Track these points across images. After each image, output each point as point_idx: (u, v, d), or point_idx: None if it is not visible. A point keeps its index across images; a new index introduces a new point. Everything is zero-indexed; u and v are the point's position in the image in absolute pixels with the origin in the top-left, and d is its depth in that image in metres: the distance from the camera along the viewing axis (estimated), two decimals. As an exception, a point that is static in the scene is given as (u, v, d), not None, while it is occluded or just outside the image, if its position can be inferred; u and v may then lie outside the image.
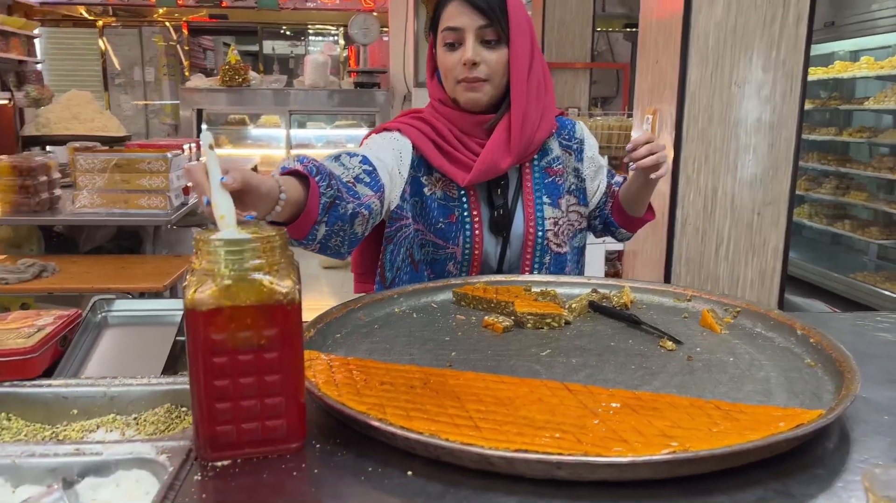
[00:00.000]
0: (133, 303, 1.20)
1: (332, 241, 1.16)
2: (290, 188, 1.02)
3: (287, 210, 1.01)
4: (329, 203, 1.11)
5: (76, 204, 3.06)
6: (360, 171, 1.26)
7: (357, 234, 1.23)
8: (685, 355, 1.08)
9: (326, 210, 1.10)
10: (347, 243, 1.21)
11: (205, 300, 0.75)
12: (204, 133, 0.82)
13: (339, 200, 1.13)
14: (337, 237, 1.16)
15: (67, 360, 1.05)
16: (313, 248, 1.15)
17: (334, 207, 1.12)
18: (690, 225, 2.04)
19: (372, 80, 6.64)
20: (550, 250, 1.47)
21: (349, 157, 1.28)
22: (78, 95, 5.74)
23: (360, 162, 1.28)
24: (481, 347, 1.12)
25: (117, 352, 1.13)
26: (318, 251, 1.17)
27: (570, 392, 0.90)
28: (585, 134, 1.56)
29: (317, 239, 1.12)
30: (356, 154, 1.30)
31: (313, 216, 1.08)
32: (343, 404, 0.83)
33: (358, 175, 1.26)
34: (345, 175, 1.24)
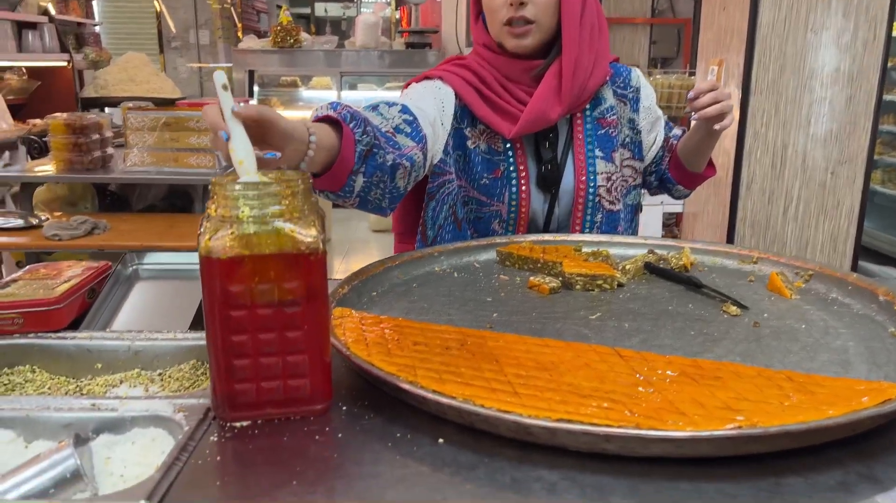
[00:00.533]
0: (164, 256, 1.16)
1: (371, 193, 1.07)
2: (322, 133, 0.93)
3: (321, 156, 0.93)
4: (366, 151, 1.02)
5: (127, 162, 3.08)
6: (399, 121, 1.17)
7: (399, 189, 1.14)
8: (751, 321, 0.98)
9: (363, 159, 1.02)
10: (389, 197, 1.12)
11: (220, 248, 0.69)
12: (217, 73, 0.76)
13: (376, 149, 1.04)
14: (377, 189, 1.07)
15: (96, 313, 1.02)
16: (352, 202, 1.06)
17: (372, 156, 1.03)
18: (757, 184, 1.90)
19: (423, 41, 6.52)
20: (602, 207, 1.37)
21: (388, 107, 1.19)
22: (134, 57, 5.80)
23: (400, 111, 1.19)
24: (525, 309, 1.04)
25: (147, 305, 1.09)
26: (357, 206, 1.09)
27: (621, 358, 0.82)
28: (642, 82, 1.44)
29: (355, 191, 1.03)
30: (395, 103, 1.21)
31: (349, 164, 0.99)
32: (372, 364, 0.77)
33: (398, 125, 1.17)
34: (384, 125, 1.15)
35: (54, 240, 2.64)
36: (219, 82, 0.75)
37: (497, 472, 0.64)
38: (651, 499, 0.61)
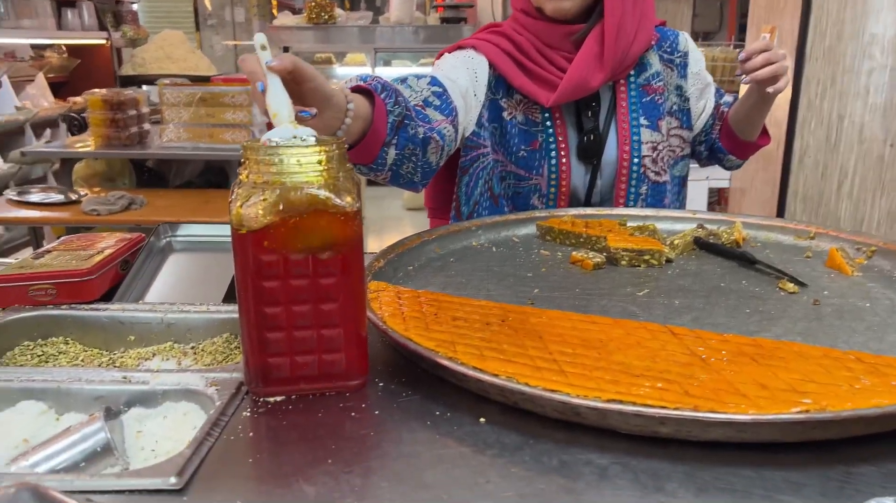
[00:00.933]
0: (198, 228, 1.14)
1: (403, 167, 1.04)
2: (357, 102, 0.91)
3: (356, 126, 0.91)
4: (398, 122, 0.98)
5: (163, 138, 3.09)
6: (428, 94, 1.14)
7: (431, 164, 1.11)
8: (810, 299, 0.92)
9: (395, 130, 0.98)
10: (421, 172, 1.09)
11: (252, 216, 0.66)
12: (257, 35, 0.75)
13: (408, 120, 1.00)
14: (409, 163, 1.04)
15: (129, 285, 1.00)
16: (384, 176, 1.04)
17: (403, 128, 1.00)
18: (810, 157, 1.81)
19: (458, 15, 6.42)
20: (648, 179, 1.31)
21: (417, 80, 1.15)
22: (171, 35, 5.83)
23: (429, 83, 1.16)
24: (568, 285, 1.00)
25: (180, 277, 1.07)
26: (389, 181, 1.06)
27: (674, 335, 0.77)
28: (690, 46, 1.36)
29: (387, 164, 1.01)
30: (424, 76, 1.17)
31: (382, 135, 0.96)
32: (409, 339, 0.74)
33: (427, 98, 1.13)
34: (413, 98, 1.12)
35: (93, 215, 2.66)
36: (258, 43, 0.74)
37: (543, 455, 0.60)
38: (710, 486, 0.56)
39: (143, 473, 0.57)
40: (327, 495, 0.55)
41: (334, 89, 0.85)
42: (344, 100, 0.87)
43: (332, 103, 0.84)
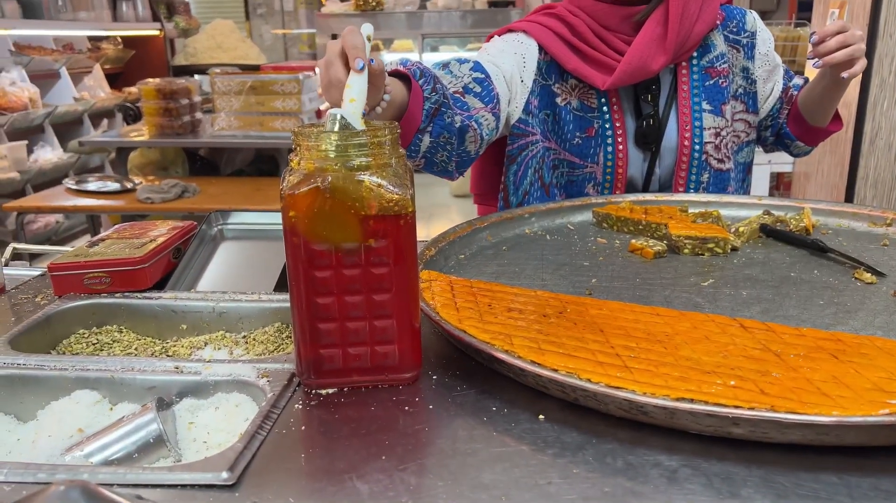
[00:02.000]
0: (250, 216, 1.14)
1: (438, 155, 1.03)
2: (395, 88, 0.91)
3: (389, 111, 0.90)
4: (434, 109, 0.97)
5: (215, 126, 3.13)
6: (469, 80, 1.12)
7: (469, 152, 1.09)
8: (890, 290, 0.86)
9: (430, 117, 0.97)
10: (457, 161, 1.08)
11: (305, 203, 0.64)
12: (365, 24, 0.77)
13: (444, 108, 0.99)
14: (443, 151, 1.03)
15: (181, 273, 1.00)
16: (418, 162, 1.03)
17: (440, 115, 0.99)
18: (882, 139, 1.71)
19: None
20: (710, 166, 1.25)
21: (459, 65, 1.13)
22: (222, 24, 5.90)
23: (472, 69, 1.13)
24: (627, 275, 0.96)
25: (232, 266, 1.07)
26: (423, 167, 1.05)
27: (744, 329, 0.72)
28: (759, 25, 1.29)
29: (420, 151, 1.00)
30: (467, 60, 1.15)
31: (416, 122, 0.96)
32: (464, 331, 0.71)
33: (467, 85, 1.11)
34: (453, 85, 1.10)
35: (147, 203, 2.71)
36: (365, 32, 0.76)
37: (607, 456, 0.57)
38: (790, 493, 0.52)
39: (195, 467, 0.56)
40: (382, 494, 0.53)
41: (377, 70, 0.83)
42: (383, 82, 0.86)
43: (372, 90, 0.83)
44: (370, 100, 0.83)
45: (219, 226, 1.12)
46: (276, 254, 1.07)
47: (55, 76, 4.69)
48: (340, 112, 0.68)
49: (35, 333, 0.84)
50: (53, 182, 3.56)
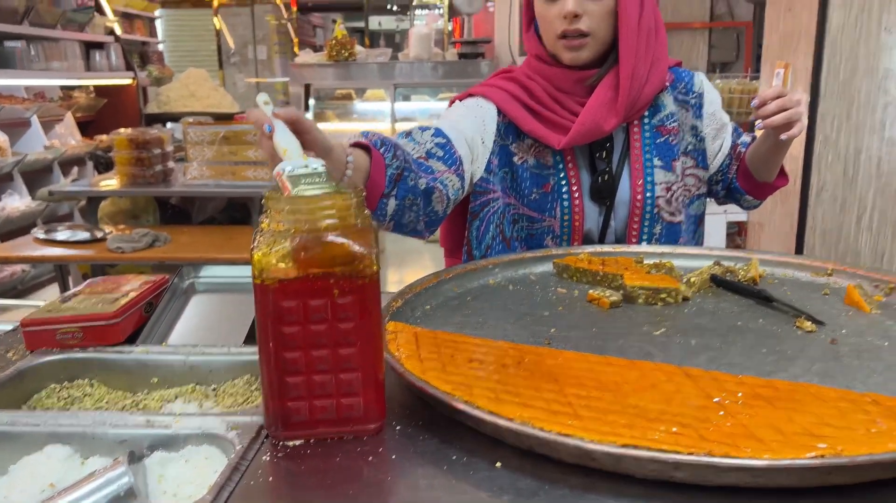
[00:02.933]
0: (221, 269, 1.17)
1: (405, 216, 1.11)
2: (356, 155, 0.99)
3: (357, 177, 0.98)
4: (396, 175, 1.06)
5: (187, 175, 3.15)
6: (432, 146, 1.20)
7: (437, 212, 1.17)
8: (828, 338, 0.92)
9: (394, 182, 1.06)
10: (426, 220, 1.16)
11: (273, 263, 0.68)
12: (259, 94, 0.86)
13: (407, 172, 1.08)
14: (410, 212, 1.11)
15: (153, 327, 1.02)
16: (387, 226, 1.11)
17: (403, 180, 1.07)
18: (828, 192, 1.80)
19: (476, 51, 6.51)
20: (662, 219, 1.32)
21: (421, 132, 1.21)
22: (195, 74, 5.97)
23: (433, 135, 1.21)
24: (585, 324, 1.00)
25: (203, 319, 1.09)
26: (393, 229, 1.13)
27: (689, 378, 0.77)
28: (706, 87, 1.38)
29: (387, 214, 1.08)
30: (429, 128, 1.23)
31: (380, 188, 1.04)
32: (427, 382, 0.75)
33: (430, 150, 1.19)
34: (416, 151, 1.18)
35: (118, 252, 2.71)
36: (260, 101, 0.83)
37: (559, 501, 0.61)
38: (726, 533, 0.56)
39: (166, 518, 0.58)
40: (345, 541, 0.56)
41: (333, 143, 0.92)
42: (344, 154, 0.95)
43: (332, 156, 0.92)
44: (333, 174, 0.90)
45: (190, 279, 1.15)
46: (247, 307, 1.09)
47: (25, 124, 4.70)
48: (281, 166, 0.76)
49: (7, 389, 0.85)
50: (21, 230, 3.55)
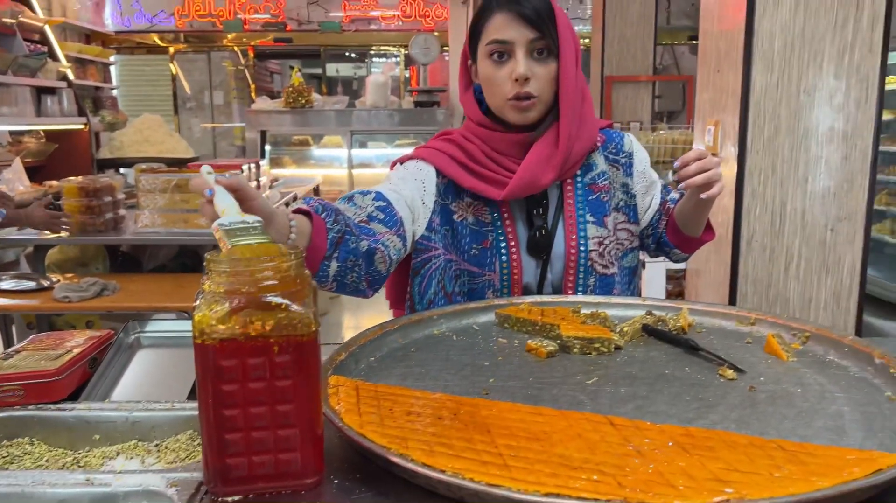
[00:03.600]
0: (167, 324, 1.18)
1: (347, 277, 1.15)
2: (300, 222, 1.04)
3: (300, 242, 1.03)
4: (338, 238, 1.11)
5: (138, 223, 3.14)
6: (372, 209, 1.25)
7: (380, 272, 1.22)
8: (747, 385, 0.98)
9: (335, 245, 1.11)
10: (369, 280, 1.20)
11: (213, 323, 0.70)
12: (203, 166, 0.91)
13: (348, 236, 1.13)
14: (352, 274, 1.16)
15: (97, 383, 1.03)
16: (329, 286, 1.15)
17: (344, 242, 1.12)
18: (757, 242, 1.91)
19: (432, 99, 6.67)
20: (595, 271, 1.39)
21: (362, 196, 1.27)
22: (150, 119, 5.95)
23: (374, 199, 1.27)
24: (522, 374, 1.04)
25: (148, 374, 1.10)
26: (335, 290, 1.17)
27: (613, 427, 0.82)
28: (635, 147, 1.47)
29: (329, 276, 1.13)
30: (370, 191, 1.28)
31: (321, 251, 1.09)
32: (363, 436, 0.78)
33: (371, 213, 1.24)
34: (357, 215, 1.23)
35: (64, 301, 2.67)
36: (203, 171, 0.87)
37: (485, 549, 0.64)
38: (639, 576, 0.60)
39: (102, 577, 0.59)
40: None
41: (276, 210, 0.97)
42: (287, 219, 1.00)
43: (274, 221, 0.96)
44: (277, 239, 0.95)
45: (136, 334, 1.16)
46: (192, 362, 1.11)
47: (-28, 170, 4.62)
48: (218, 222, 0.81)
49: (-56, 448, 0.85)
50: (-36, 279, 3.45)
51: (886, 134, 5.40)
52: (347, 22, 9.13)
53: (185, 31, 9.01)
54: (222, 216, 0.82)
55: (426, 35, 6.94)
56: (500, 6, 1.29)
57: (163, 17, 8.85)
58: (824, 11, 1.86)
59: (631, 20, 5.11)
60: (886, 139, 5.31)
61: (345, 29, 9.11)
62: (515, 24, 1.27)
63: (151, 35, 8.95)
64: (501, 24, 1.29)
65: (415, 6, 9.03)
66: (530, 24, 1.27)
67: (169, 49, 9.07)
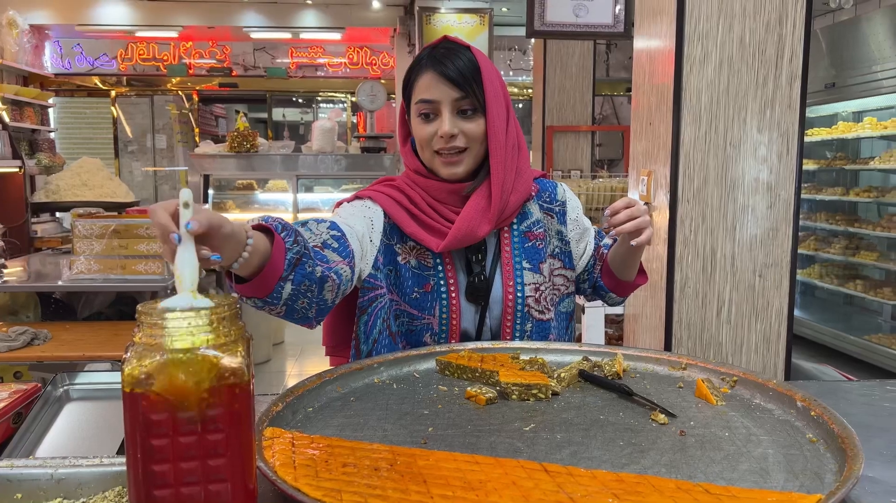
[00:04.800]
0: (98, 375, 1.15)
1: (298, 302, 1.11)
2: (256, 238, 1.00)
3: (254, 260, 1.00)
4: (295, 259, 1.07)
5: (73, 270, 3.05)
6: (328, 237, 1.23)
7: (327, 301, 1.18)
8: (678, 430, 1.00)
9: (292, 266, 1.07)
10: (316, 308, 1.16)
11: (144, 377, 0.69)
12: (183, 190, 0.78)
13: (305, 258, 1.09)
14: (304, 299, 1.12)
15: (21, 439, 0.99)
16: (279, 310, 1.11)
17: (301, 265, 1.09)
18: (690, 287, 1.98)
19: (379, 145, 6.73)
20: (532, 317, 1.42)
21: (317, 223, 1.25)
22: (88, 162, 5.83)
23: (329, 227, 1.25)
24: (461, 422, 1.05)
25: (76, 428, 1.07)
26: (284, 315, 1.13)
27: (547, 474, 0.83)
28: (568, 195, 1.52)
29: (282, 298, 1.08)
30: (324, 220, 1.27)
31: (279, 270, 1.05)
32: (298, 489, 0.77)
33: (325, 240, 1.23)
34: (312, 240, 1.21)
35: (-9, 352, 2.56)
36: (182, 200, 0.77)
37: None
38: None
39: None
40: None
41: (236, 227, 0.93)
42: (244, 235, 0.96)
43: (232, 239, 0.93)
44: (230, 253, 0.93)
45: (65, 386, 1.12)
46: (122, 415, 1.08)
47: None
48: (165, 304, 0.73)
49: None
50: None
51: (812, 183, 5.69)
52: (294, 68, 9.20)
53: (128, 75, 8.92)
54: (176, 284, 0.75)
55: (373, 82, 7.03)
56: (426, 66, 1.34)
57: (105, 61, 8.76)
58: (746, 69, 1.97)
59: (570, 72, 5.30)
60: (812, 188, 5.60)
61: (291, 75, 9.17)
62: (440, 84, 1.32)
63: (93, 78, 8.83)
64: (428, 84, 1.33)
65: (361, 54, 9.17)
66: (454, 84, 1.31)
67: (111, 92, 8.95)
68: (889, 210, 5.01)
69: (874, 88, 4.75)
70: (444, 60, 1.31)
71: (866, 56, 4.80)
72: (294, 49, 9.09)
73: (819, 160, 5.55)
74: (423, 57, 1.35)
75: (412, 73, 1.37)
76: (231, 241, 0.92)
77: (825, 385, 1.45)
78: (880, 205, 5.08)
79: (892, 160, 4.65)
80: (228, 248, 0.93)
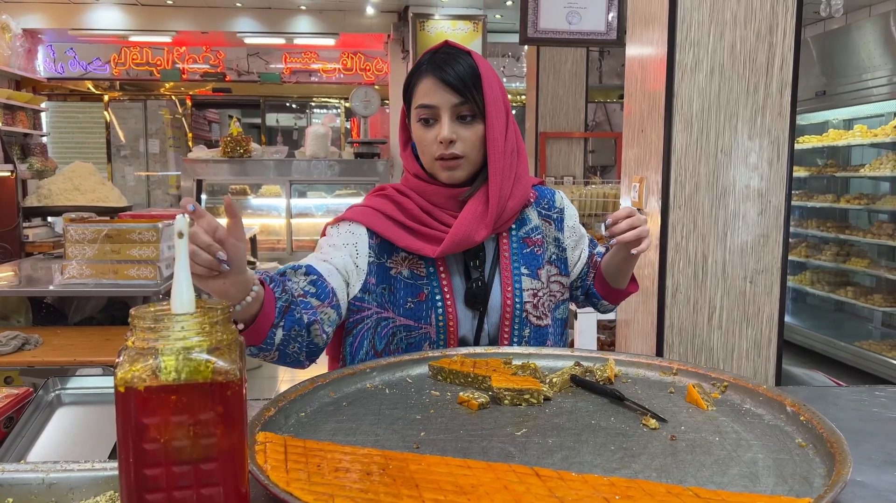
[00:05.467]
0: (90, 380, 1.15)
1: (290, 347, 1.18)
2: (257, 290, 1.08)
3: (254, 306, 1.07)
4: (284, 307, 1.15)
5: (65, 275, 3.04)
6: (305, 285, 1.28)
7: (317, 344, 1.24)
8: (669, 434, 1.01)
9: (283, 314, 1.14)
10: (307, 352, 1.22)
11: (136, 381, 0.69)
12: (178, 218, 0.77)
13: (294, 306, 1.17)
14: (295, 343, 1.18)
15: (12, 443, 0.99)
16: (272, 356, 1.17)
17: (290, 312, 1.16)
18: (681, 294, 1.99)
19: (372, 151, 6.73)
20: (530, 323, 1.42)
21: (294, 272, 1.29)
22: (81, 167, 5.82)
23: (305, 274, 1.29)
24: (453, 426, 1.05)
25: (68, 432, 1.06)
26: (276, 360, 1.19)
27: (539, 478, 0.83)
28: (565, 203, 1.53)
29: (275, 344, 1.15)
30: (301, 266, 1.31)
31: (270, 317, 1.12)
32: (290, 493, 0.77)
33: (305, 288, 1.27)
34: (294, 290, 1.26)
35: (-19, 357, 2.55)
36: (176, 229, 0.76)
37: None
38: None
39: None
40: None
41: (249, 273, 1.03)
42: (251, 282, 1.05)
43: (245, 276, 1.01)
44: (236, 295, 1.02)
45: (56, 391, 1.12)
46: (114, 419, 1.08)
47: None
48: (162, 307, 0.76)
49: None
50: None
51: (803, 190, 5.73)
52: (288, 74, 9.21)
53: (121, 80, 8.91)
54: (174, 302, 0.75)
55: (367, 88, 7.05)
56: (426, 71, 1.34)
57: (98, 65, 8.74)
58: (737, 77, 1.99)
59: (563, 79, 5.32)
60: (803, 195, 5.64)
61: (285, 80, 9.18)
62: (439, 90, 1.33)
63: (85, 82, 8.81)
64: (428, 90, 1.34)
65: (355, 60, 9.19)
66: (454, 90, 1.32)
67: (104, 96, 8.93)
68: (879, 217, 5.05)
69: (864, 96, 4.79)
70: (444, 66, 1.32)
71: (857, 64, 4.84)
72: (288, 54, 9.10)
73: (810, 167, 5.59)
74: (424, 62, 1.36)
75: (413, 78, 1.38)
76: (241, 283, 1.01)
77: (815, 390, 1.46)
78: (871, 212, 5.12)
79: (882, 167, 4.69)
80: (235, 290, 1.01)
